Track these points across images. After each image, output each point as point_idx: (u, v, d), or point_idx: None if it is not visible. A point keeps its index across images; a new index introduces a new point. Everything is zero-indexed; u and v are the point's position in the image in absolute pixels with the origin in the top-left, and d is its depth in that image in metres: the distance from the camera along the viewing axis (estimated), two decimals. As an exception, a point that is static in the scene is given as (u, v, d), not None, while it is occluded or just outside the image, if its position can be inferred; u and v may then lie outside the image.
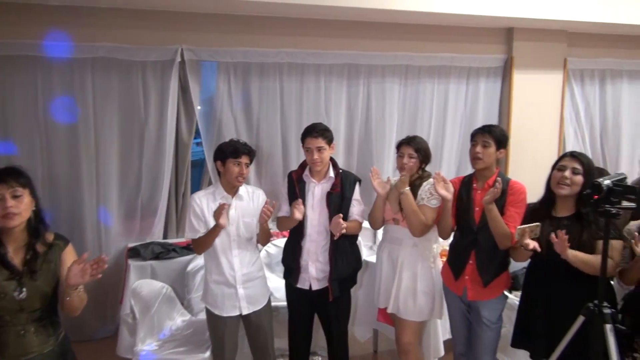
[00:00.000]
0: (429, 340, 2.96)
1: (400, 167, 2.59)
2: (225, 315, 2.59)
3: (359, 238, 3.66)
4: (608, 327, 1.88)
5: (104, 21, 3.40)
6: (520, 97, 4.27)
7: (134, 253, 3.42)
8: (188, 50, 3.57)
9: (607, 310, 1.91)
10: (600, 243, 2.16)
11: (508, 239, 2.36)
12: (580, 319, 1.95)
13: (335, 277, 2.63)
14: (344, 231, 2.49)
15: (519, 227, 2.20)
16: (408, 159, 2.57)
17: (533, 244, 2.17)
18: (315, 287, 2.68)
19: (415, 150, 2.58)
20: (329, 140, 2.64)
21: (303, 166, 2.74)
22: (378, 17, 3.82)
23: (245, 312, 2.61)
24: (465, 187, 2.53)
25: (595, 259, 2.12)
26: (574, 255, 2.13)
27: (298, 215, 2.54)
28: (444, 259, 2.72)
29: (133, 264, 3.31)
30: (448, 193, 2.42)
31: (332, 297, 2.64)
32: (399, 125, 4.18)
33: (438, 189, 2.42)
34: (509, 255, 2.49)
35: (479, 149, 2.45)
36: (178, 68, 3.58)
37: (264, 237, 2.67)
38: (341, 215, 2.51)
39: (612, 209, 1.84)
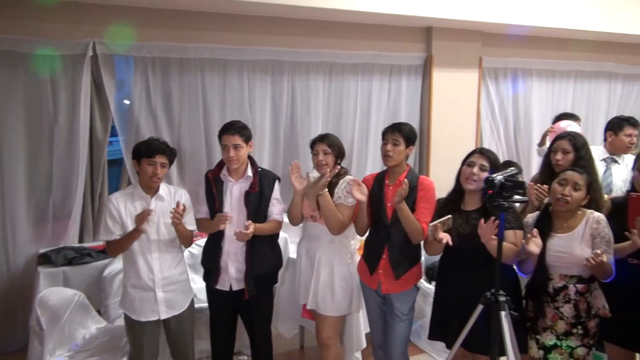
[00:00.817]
0: (351, 333, 3.03)
1: (317, 165, 2.62)
2: (143, 320, 2.52)
3: (286, 235, 3.70)
4: (503, 313, 2.01)
5: (6, 11, 3.15)
6: (439, 94, 4.44)
7: (45, 259, 3.22)
8: (100, 44, 3.39)
9: (502, 298, 2.04)
10: (505, 233, 2.30)
11: (420, 234, 2.45)
12: (480, 307, 2.07)
13: (251, 276, 2.63)
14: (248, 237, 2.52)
15: (430, 224, 2.29)
16: (323, 155, 2.60)
17: (446, 238, 2.25)
18: (235, 287, 2.67)
19: (329, 146, 2.61)
20: (247, 138, 2.62)
21: (220, 165, 2.70)
22: (300, 14, 3.82)
23: (163, 316, 2.55)
24: (378, 183, 2.59)
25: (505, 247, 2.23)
26: (493, 246, 2.21)
27: (222, 226, 2.54)
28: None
29: (43, 271, 3.11)
30: (363, 196, 2.51)
31: (247, 296, 2.63)
32: (324, 122, 4.22)
33: (354, 192, 2.51)
34: (420, 249, 2.58)
35: (389, 147, 2.51)
36: (90, 63, 3.39)
37: (183, 240, 2.59)
38: (249, 224, 2.52)
39: (504, 203, 1.96)
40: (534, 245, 2.19)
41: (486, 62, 4.66)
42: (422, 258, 3.47)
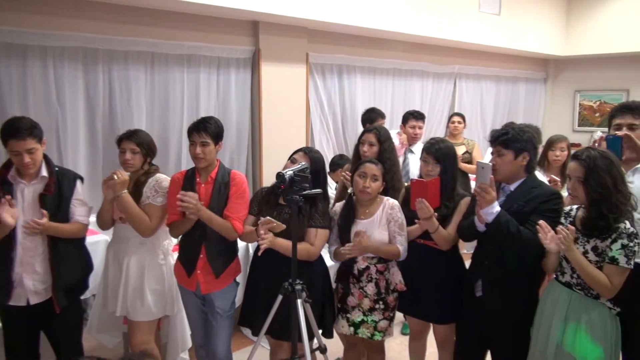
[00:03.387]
0: (175, 333, 2.94)
1: (123, 164, 2.47)
2: None
3: (106, 237, 3.43)
4: (299, 301, 2.13)
5: None
6: (269, 88, 4.49)
7: None
8: None
9: (298, 287, 2.16)
10: (309, 230, 2.44)
11: (232, 231, 2.46)
12: (280, 297, 2.17)
13: (60, 286, 2.39)
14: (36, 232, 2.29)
15: (267, 217, 2.28)
16: (131, 154, 2.45)
17: (266, 243, 2.26)
18: (34, 301, 2.39)
19: (137, 145, 2.48)
20: (40, 137, 2.34)
21: (8, 165, 2.38)
22: (114, -1, 3.56)
23: None
24: (189, 181, 2.52)
25: (301, 247, 2.34)
26: (287, 250, 2.31)
27: (9, 220, 2.21)
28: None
29: None
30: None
31: (58, 309, 2.40)
32: (149, 115, 4.00)
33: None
34: (236, 243, 2.59)
35: (199, 150, 2.43)
36: None
37: None
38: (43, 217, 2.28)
39: (296, 197, 2.07)
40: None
41: (312, 58, 4.85)
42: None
